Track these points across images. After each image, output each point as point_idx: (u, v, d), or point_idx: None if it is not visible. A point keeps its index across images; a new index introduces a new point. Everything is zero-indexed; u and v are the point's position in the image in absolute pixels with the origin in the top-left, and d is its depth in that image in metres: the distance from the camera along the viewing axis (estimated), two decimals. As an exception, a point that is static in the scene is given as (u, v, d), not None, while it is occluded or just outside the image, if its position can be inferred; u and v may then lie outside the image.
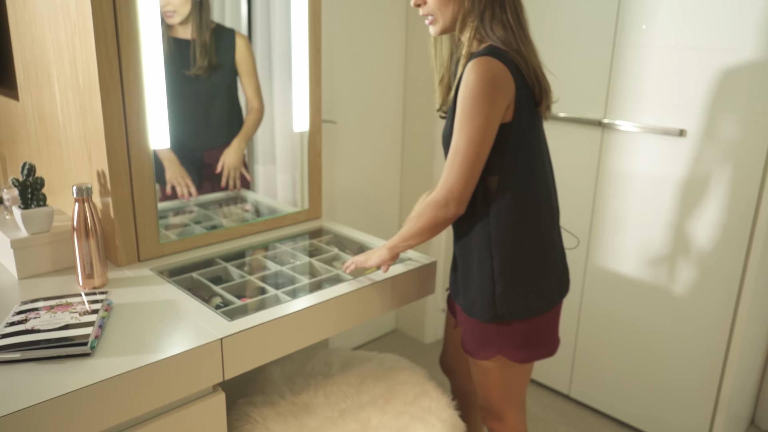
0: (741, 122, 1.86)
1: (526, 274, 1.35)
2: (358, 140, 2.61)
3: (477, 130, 1.24)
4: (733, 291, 1.97)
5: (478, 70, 1.22)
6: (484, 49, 1.27)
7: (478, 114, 1.23)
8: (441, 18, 1.31)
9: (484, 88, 1.21)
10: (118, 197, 1.46)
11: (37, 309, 1.23)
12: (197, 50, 1.67)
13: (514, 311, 1.35)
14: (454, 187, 1.28)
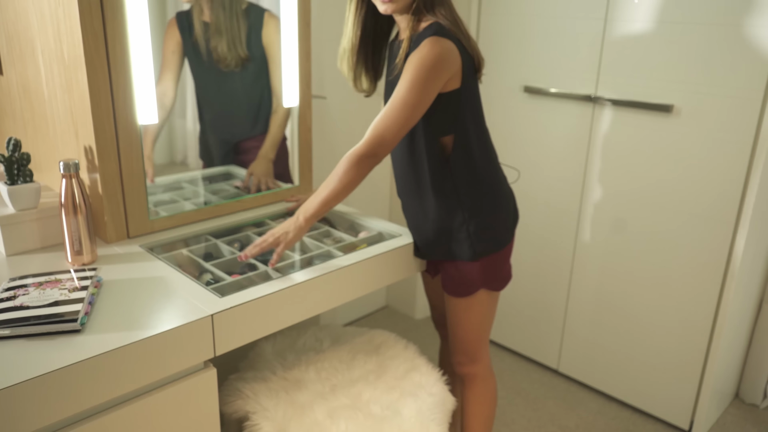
0: (730, 98, 1.86)
1: (492, 213, 1.52)
2: (348, 116, 2.59)
3: (417, 97, 1.34)
4: (720, 266, 1.99)
5: (433, 48, 1.34)
6: (432, 28, 1.37)
7: (422, 84, 1.34)
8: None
9: (434, 63, 1.33)
10: (106, 173, 1.44)
11: (25, 285, 1.22)
12: (211, 35, 1.60)
13: (489, 247, 1.53)
14: (386, 137, 1.37)
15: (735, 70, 1.84)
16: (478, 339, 1.64)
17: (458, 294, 1.57)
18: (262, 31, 1.72)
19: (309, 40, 1.82)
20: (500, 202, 1.56)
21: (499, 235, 1.56)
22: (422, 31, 1.39)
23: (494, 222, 1.54)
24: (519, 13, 2.32)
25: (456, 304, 1.59)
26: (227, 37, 1.62)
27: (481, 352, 1.66)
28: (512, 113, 2.41)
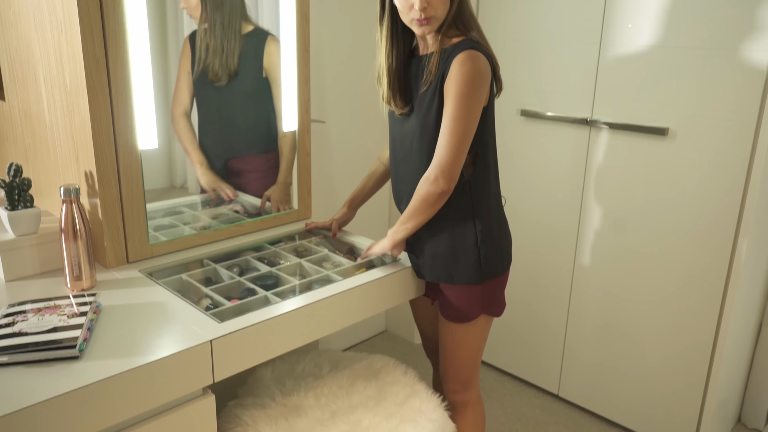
0: (725, 121, 1.88)
1: (500, 236, 1.55)
2: (347, 140, 2.61)
3: (469, 113, 1.37)
4: (718, 290, 1.99)
5: (473, 62, 1.36)
6: (466, 43, 1.39)
7: (470, 100, 1.36)
8: (440, 17, 1.39)
9: (477, 78, 1.36)
10: (106, 198, 1.45)
11: (24, 312, 1.22)
12: (209, 55, 1.63)
13: (494, 270, 1.54)
14: (444, 162, 1.38)
15: (728, 93, 1.86)
16: (473, 366, 1.63)
17: (458, 320, 1.56)
18: (263, 54, 1.74)
19: (308, 65, 1.83)
20: (505, 225, 1.59)
21: (505, 258, 1.57)
22: (455, 45, 1.40)
23: (502, 244, 1.56)
24: (515, 38, 2.35)
25: (454, 330, 1.58)
26: (221, 56, 1.64)
27: (475, 379, 1.66)
28: (509, 136, 2.43)
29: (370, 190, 1.82)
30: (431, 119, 1.44)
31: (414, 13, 1.38)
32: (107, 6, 1.35)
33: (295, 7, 1.75)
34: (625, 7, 2.03)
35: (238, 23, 1.66)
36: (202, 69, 1.63)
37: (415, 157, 1.50)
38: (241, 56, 1.68)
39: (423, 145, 1.47)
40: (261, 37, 1.73)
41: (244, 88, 1.74)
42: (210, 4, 1.60)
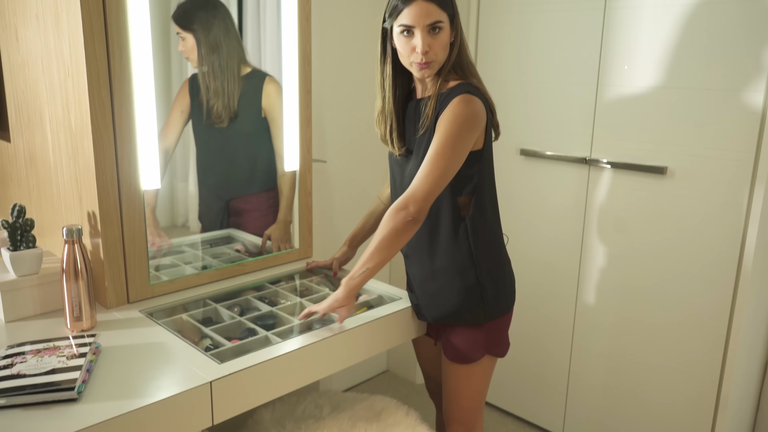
0: (722, 159, 1.90)
1: (502, 275, 1.54)
2: (348, 179, 2.63)
3: (454, 151, 1.37)
4: (722, 328, 1.97)
5: (467, 105, 1.38)
6: (463, 87, 1.41)
7: (458, 138, 1.37)
8: (440, 61, 1.42)
9: (469, 120, 1.38)
10: (108, 238, 1.45)
11: (23, 353, 1.21)
12: (210, 96, 1.66)
13: (498, 309, 1.53)
14: (418, 191, 1.37)
15: (725, 132, 1.89)
16: (477, 408, 1.61)
17: (461, 360, 1.54)
18: (262, 95, 1.77)
19: (310, 106, 1.86)
20: (507, 264, 1.58)
21: (508, 298, 1.56)
22: (452, 89, 1.42)
23: (504, 284, 1.55)
24: (514, 79, 2.39)
25: (457, 371, 1.56)
26: (223, 98, 1.67)
27: (479, 421, 1.63)
28: (509, 175, 2.45)
29: (370, 228, 1.81)
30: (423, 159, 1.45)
31: (415, 56, 1.40)
32: (113, 50, 1.38)
33: (297, 50, 1.79)
34: (620, 49, 2.07)
35: (237, 65, 1.69)
36: (203, 111, 1.66)
37: None
38: (240, 97, 1.71)
39: None
40: (259, 78, 1.76)
41: (244, 128, 1.76)
42: (206, 48, 1.63)
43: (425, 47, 1.38)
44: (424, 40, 1.38)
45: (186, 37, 1.60)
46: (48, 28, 1.47)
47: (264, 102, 1.77)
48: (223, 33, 1.65)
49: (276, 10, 1.77)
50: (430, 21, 1.37)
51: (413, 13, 1.37)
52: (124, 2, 1.38)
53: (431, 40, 1.38)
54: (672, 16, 1.95)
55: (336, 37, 2.44)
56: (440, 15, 1.38)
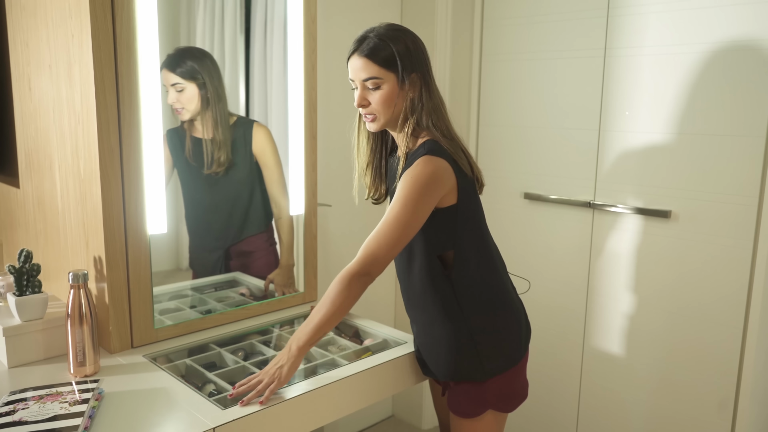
0: (726, 203, 1.91)
1: (501, 329, 1.47)
2: (353, 223, 2.64)
3: (412, 215, 1.34)
4: (732, 371, 1.95)
5: (425, 167, 1.35)
6: (426, 146, 1.39)
7: (414, 202, 1.34)
8: (383, 116, 1.42)
9: (426, 182, 1.34)
10: (113, 283, 1.46)
11: (25, 399, 1.20)
12: (208, 148, 1.68)
13: (500, 365, 1.46)
14: (378, 255, 1.34)
15: (729, 177, 1.90)
16: None
17: (464, 415, 1.48)
18: (252, 141, 1.78)
19: (315, 151, 1.89)
20: (510, 316, 1.50)
21: (511, 352, 1.48)
22: (417, 149, 1.40)
23: (504, 338, 1.48)
24: (515, 124, 2.42)
25: (460, 424, 1.50)
26: (224, 148, 1.69)
27: None
28: (513, 219, 2.46)
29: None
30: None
31: (359, 109, 1.44)
32: (123, 99, 1.42)
33: (303, 97, 1.83)
34: (621, 95, 2.11)
35: (225, 116, 1.71)
36: (197, 162, 1.67)
37: (403, 260, 1.50)
38: (232, 146, 1.73)
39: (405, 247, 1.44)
40: (247, 125, 1.78)
41: (237, 176, 1.78)
42: (211, 97, 1.66)
43: (359, 101, 1.41)
44: (361, 94, 1.41)
45: (186, 87, 1.62)
46: (60, 78, 1.51)
47: (254, 147, 1.78)
48: (221, 82, 1.69)
49: (282, 58, 1.82)
50: (365, 76, 1.39)
51: (351, 67, 1.41)
52: (135, 53, 1.42)
53: (369, 94, 1.40)
54: (671, 62, 1.99)
55: (342, 82, 2.49)
56: (377, 72, 1.37)
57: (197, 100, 1.65)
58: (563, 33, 2.26)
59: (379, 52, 1.37)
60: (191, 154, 1.66)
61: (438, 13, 2.51)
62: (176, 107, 1.63)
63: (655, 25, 2.02)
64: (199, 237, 1.74)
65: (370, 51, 1.38)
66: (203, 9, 1.70)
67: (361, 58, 1.38)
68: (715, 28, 1.89)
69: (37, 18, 1.58)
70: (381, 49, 1.37)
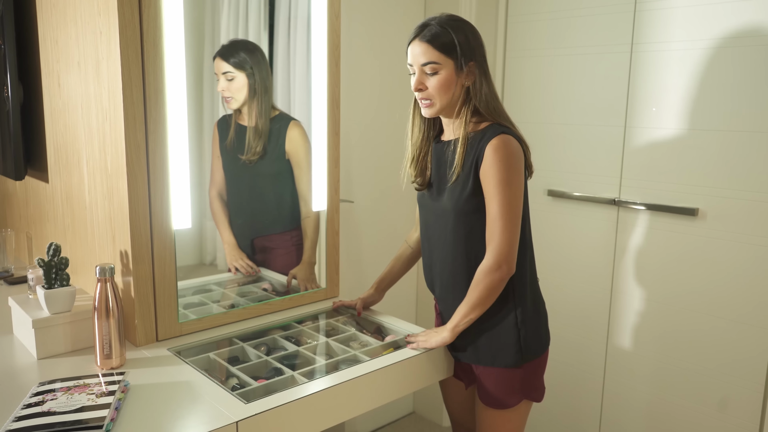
0: (754, 201, 1.87)
1: (539, 314, 1.54)
2: (375, 219, 2.64)
3: (515, 196, 1.40)
4: (761, 371, 1.91)
5: (506, 147, 1.40)
6: (495, 128, 1.43)
7: (512, 184, 1.39)
8: (439, 102, 1.45)
9: (514, 161, 1.40)
10: (139, 277, 1.48)
11: (54, 390, 1.23)
12: (250, 137, 1.71)
13: (535, 350, 1.50)
14: (503, 250, 1.40)
15: (757, 174, 1.86)
16: None
17: (497, 406, 1.51)
18: (285, 139, 1.80)
19: (338, 147, 1.90)
20: (543, 304, 1.57)
21: (543, 339, 1.54)
22: (484, 131, 1.44)
23: (541, 324, 1.54)
24: (539, 120, 2.40)
25: (493, 416, 1.53)
26: (263, 138, 1.72)
27: None
28: (536, 217, 2.44)
29: (398, 272, 1.81)
30: (466, 206, 1.46)
31: (417, 94, 1.47)
32: (150, 96, 1.43)
33: (326, 93, 1.83)
34: (647, 91, 2.08)
35: (269, 108, 1.75)
36: (236, 149, 1.70)
37: (450, 243, 1.51)
38: (268, 139, 1.75)
39: (458, 232, 1.48)
40: (285, 121, 1.80)
41: (270, 169, 1.80)
42: (258, 88, 1.70)
43: (417, 85, 1.45)
44: (418, 78, 1.45)
45: (236, 76, 1.66)
46: (89, 75, 1.53)
47: (287, 146, 1.80)
48: (269, 75, 1.72)
49: (306, 55, 1.82)
50: (424, 61, 1.43)
51: (411, 52, 1.45)
52: (161, 51, 1.44)
53: (426, 79, 1.44)
54: (699, 57, 1.95)
55: (364, 78, 2.49)
56: (436, 57, 1.42)
57: (246, 90, 1.69)
58: (589, 28, 2.23)
59: (440, 39, 1.42)
60: (233, 140, 1.70)
61: (462, 7, 2.50)
62: (225, 95, 1.68)
63: (682, 20, 1.98)
64: (234, 226, 1.77)
65: (431, 37, 1.42)
66: (228, 5, 1.71)
67: (422, 43, 1.43)
68: (744, 21, 1.85)
69: (66, 15, 1.61)
70: (442, 36, 1.42)
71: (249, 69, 1.68)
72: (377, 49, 2.51)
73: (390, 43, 2.55)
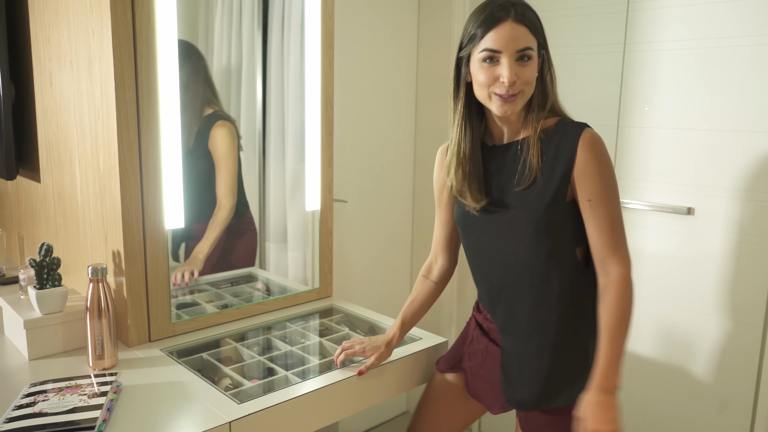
0: (748, 200, 1.88)
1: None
2: (368, 219, 2.64)
3: (617, 196, 1.24)
4: (752, 369, 1.92)
5: (601, 141, 1.23)
6: (572, 123, 1.26)
7: (615, 181, 1.23)
8: (526, 95, 1.24)
9: (609, 157, 1.24)
10: (132, 277, 1.47)
11: (45, 391, 1.22)
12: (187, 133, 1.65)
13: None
14: (628, 255, 1.24)
15: (750, 173, 1.87)
16: None
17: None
18: (209, 137, 1.74)
19: (332, 147, 1.89)
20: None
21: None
22: (558, 127, 1.25)
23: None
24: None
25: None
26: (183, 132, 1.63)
27: None
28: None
29: (421, 314, 1.54)
30: (547, 216, 1.23)
31: (499, 87, 1.20)
32: (142, 95, 1.43)
33: (320, 93, 1.83)
34: (640, 91, 2.08)
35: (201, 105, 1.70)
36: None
37: (528, 262, 1.27)
38: (196, 135, 1.70)
39: (539, 246, 1.24)
40: (212, 118, 1.74)
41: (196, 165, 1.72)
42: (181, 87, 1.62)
43: (512, 76, 1.18)
44: (511, 68, 1.18)
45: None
46: (81, 74, 1.52)
47: (209, 144, 1.76)
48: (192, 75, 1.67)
49: (299, 54, 1.82)
50: (521, 47, 1.18)
51: (500, 36, 1.17)
52: (154, 49, 1.43)
53: (519, 69, 1.19)
54: (691, 57, 1.96)
55: (359, 77, 2.49)
56: (531, 41, 1.19)
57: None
58: (582, 28, 2.23)
59: (532, 21, 1.20)
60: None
61: (455, 8, 2.50)
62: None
63: (675, 20, 1.99)
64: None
65: (526, 17, 1.19)
66: (221, 5, 1.71)
67: (518, 25, 1.17)
68: (735, 22, 1.86)
69: (59, 14, 1.60)
70: (533, 17, 1.21)
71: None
72: (371, 48, 2.51)
73: (384, 42, 2.55)
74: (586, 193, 1.21)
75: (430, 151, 2.71)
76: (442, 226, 1.49)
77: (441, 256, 1.52)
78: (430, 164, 2.70)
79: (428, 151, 2.72)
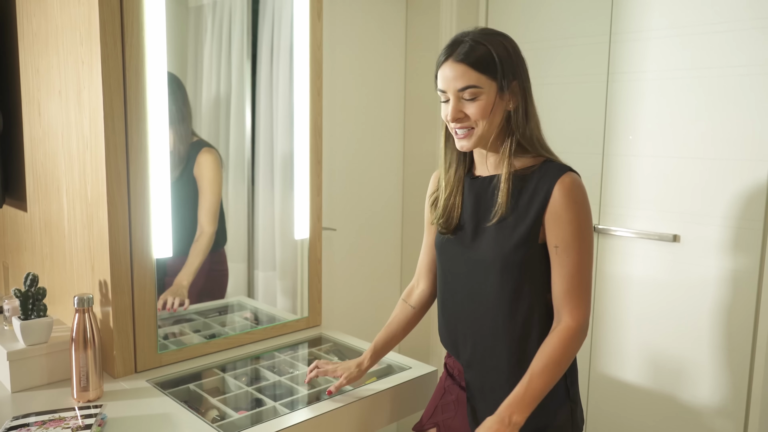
0: (732, 228, 1.90)
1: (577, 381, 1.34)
2: (357, 247, 2.64)
3: (591, 246, 1.22)
4: (741, 397, 1.92)
5: (581, 187, 1.22)
6: (555, 165, 1.25)
7: (590, 230, 1.22)
8: (479, 131, 1.23)
9: (588, 205, 1.22)
10: (118, 307, 1.46)
11: (28, 425, 1.20)
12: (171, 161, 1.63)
13: (579, 425, 1.31)
14: (587, 308, 1.22)
15: (734, 201, 1.90)
16: None
17: None
18: (194, 163, 1.75)
19: (320, 175, 1.90)
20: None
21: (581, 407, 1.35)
22: (542, 168, 1.24)
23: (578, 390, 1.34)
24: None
25: None
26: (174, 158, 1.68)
27: None
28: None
29: (398, 339, 1.51)
30: (515, 255, 1.22)
31: (450, 125, 1.24)
32: (131, 124, 1.43)
33: (308, 122, 1.85)
34: (624, 120, 2.12)
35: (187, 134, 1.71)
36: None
37: (490, 300, 1.26)
38: (185, 162, 1.71)
39: (505, 286, 1.24)
40: (198, 145, 1.75)
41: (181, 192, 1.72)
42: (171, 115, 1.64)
43: (454, 113, 1.21)
44: (454, 106, 1.21)
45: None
46: (70, 103, 1.53)
47: (195, 170, 1.76)
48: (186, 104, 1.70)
49: (288, 83, 1.84)
50: (460, 86, 1.19)
51: (443, 76, 1.22)
52: (143, 80, 1.44)
53: (465, 106, 1.21)
54: (673, 86, 2.00)
55: (347, 106, 2.51)
56: (475, 79, 1.19)
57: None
58: (565, 58, 2.28)
59: (478, 57, 1.19)
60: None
61: (442, 34, 2.54)
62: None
63: (657, 49, 2.03)
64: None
65: (466, 55, 1.19)
66: (211, 35, 1.73)
67: (457, 63, 1.19)
68: (717, 52, 1.90)
69: (48, 45, 1.61)
70: (479, 53, 1.19)
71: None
72: (359, 77, 2.54)
73: (372, 71, 2.58)
74: (554, 238, 1.20)
75: (418, 179, 2.72)
76: (427, 249, 1.48)
77: (423, 281, 1.49)
78: (419, 192, 2.71)
79: (417, 179, 2.73)
